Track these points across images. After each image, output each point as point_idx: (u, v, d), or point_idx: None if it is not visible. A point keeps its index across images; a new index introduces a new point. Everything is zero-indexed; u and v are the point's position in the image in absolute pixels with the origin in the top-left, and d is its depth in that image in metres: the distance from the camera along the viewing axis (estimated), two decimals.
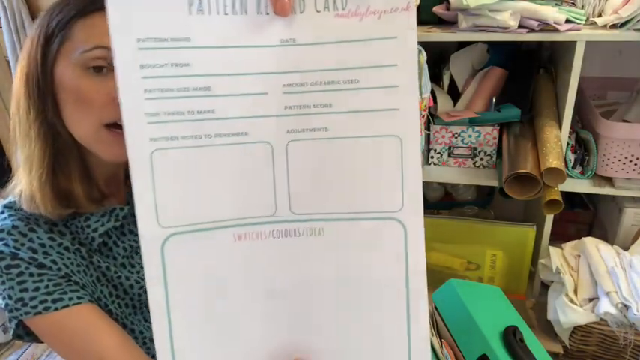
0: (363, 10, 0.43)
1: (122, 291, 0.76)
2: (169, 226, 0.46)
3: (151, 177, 0.45)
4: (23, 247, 0.66)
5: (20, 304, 0.65)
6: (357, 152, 0.46)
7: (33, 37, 0.65)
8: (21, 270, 0.65)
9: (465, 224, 1.42)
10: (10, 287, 0.65)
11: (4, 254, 0.65)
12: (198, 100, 0.44)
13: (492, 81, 1.34)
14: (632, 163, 1.18)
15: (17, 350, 1.50)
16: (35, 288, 0.66)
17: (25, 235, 0.66)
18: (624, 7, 1.07)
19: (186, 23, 0.43)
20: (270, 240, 0.48)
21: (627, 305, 1.09)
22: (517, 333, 0.90)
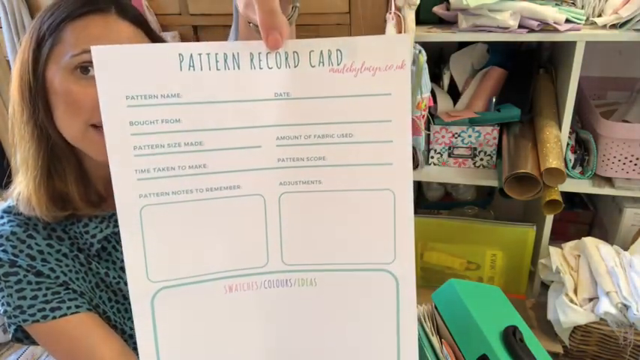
0: (357, 66, 0.43)
1: (122, 296, 0.75)
2: (159, 280, 0.45)
3: (140, 233, 0.44)
4: (22, 254, 0.66)
5: (18, 312, 0.65)
6: (350, 205, 0.46)
7: (26, 39, 0.66)
8: (19, 278, 0.65)
9: (465, 224, 1.42)
10: (9, 295, 0.65)
11: (3, 262, 0.65)
12: (190, 155, 0.44)
13: (492, 81, 1.34)
14: (632, 163, 1.18)
15: (17, 350, 1.50)
16: (33, 296, 0.66)
17: (23, 242, 0.66)
18: (624, 7, 1.07)
19: (177, 80, 0.42)
20: (262, 290, 0.47)
21: (627, 305, 1.09)
22: (517, 333, 0.90)
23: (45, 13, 0.66)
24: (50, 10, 0.65)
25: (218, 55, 0.43)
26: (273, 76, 0.43)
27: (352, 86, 0.44)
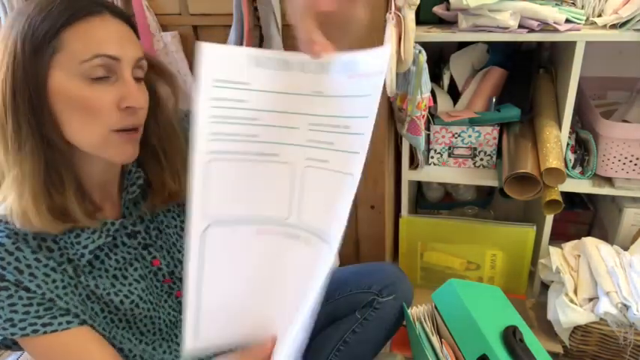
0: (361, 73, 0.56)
1: (114, 307, 0.75)
2: (211, 217, 0.61)
3: (206, 180, 0.60)
4: (9, 267, 0.65)
5: (9, 325, 0.65)
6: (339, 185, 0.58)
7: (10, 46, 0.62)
8: (10, 293, 0.65)
9: (465, 224, 1.42)
10: (0, 308, 0.65)
11: None
12: (248, 127, 0.60)
13: (492, 81, 1.34)
14: (632, 163, 1.18)
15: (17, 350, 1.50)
16: (25, 311, 0.66)
17: (11, 254, 0.65)
18: (624, 7, 1.07)
19: (249, 72, 0.59)
20: (279, 238, 0.63)
21: (627, 305, 1.09)
22: (517, 333, 0.90)
23: (31, 19, 0.62)
24: (39, 14, 0.62)
25: (279, 59, 0.58)
26: (313, 79, 0.58)
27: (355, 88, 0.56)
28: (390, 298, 1.01)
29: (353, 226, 1.41)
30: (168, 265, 0.81)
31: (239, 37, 1.17)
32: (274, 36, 1.13)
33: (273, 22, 1.12)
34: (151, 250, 0.79)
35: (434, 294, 1.07)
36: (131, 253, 0.77)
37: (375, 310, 1.00)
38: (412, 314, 1.05)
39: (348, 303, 1.02)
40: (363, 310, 1.01)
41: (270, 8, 1.11)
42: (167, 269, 0.81)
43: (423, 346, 0.98)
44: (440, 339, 1.00)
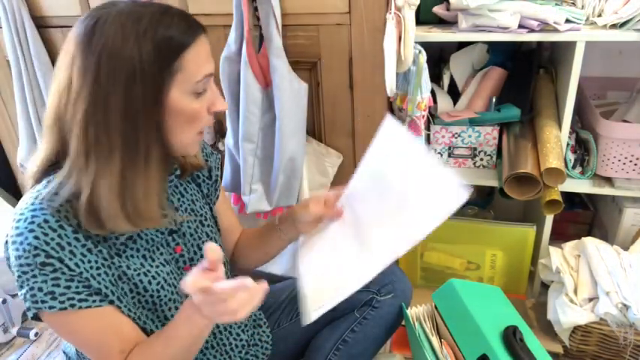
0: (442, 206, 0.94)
1: (142, 288, 0.79)
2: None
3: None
4: (52, 242, 0.69)
5: (49, 298, 0.69)
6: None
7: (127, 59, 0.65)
8: (55, 268, 0.69)
9: (465, 224, 1.42)
10: (43, 281, 0.69)
11: (39, 250, 0.68)
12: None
13: (492, 81, 1.34)
14: (632, 163, 1.18)
15: (17, 350, 1.50)
16: (66, 286, 0.70)
17: (54, 231, 0.69)
18: (624, 7, 1.07)
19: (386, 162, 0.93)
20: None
21: (627, 305, 1.09)
22: (517, 333, 0.90)
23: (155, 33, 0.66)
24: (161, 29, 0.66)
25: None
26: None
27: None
28: (389, 297, 1.01)
29: None
30: (189, 252, 0.87)
31: (239, 36, 1.17)
32: (274, 36, 1.13)
33: (272, 21, 1.12)
34: (175, 237, 0.85)
35: (434, 294, 1.07)
36: (158, 237, 0.82)
37: (373, 309, 1.00)
38: (412, 314, 1.05)
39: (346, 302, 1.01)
40: (362, 309, 1.01)
41: (270, 8, 1.11)
42: (188, 256, 0.87)
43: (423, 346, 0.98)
44: (440, 339, 1.00)
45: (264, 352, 1.02)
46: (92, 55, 0.65)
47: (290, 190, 1.26)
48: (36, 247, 0.68)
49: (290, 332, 1.05)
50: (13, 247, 0.69)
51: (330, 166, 1.30)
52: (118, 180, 0.68)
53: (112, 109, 0.66)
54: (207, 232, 0.91)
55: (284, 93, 1.15)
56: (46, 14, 1.39)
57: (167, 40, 0.66)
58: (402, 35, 1.07)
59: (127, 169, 0.68)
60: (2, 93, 1.60)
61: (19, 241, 0.68)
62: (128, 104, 0.66)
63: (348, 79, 1.20)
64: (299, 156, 1.22)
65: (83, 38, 0.66)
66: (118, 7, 0.68)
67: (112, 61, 0.65)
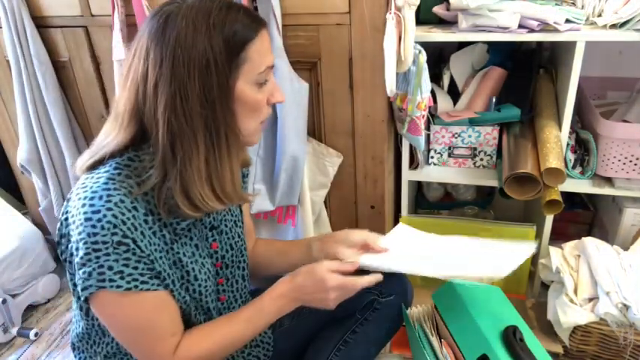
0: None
1: (193, 277, 0.83)
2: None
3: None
4: (128, 222, 0.71)
5: (118, 277, 0.71)
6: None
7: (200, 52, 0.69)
8: (128, 248, 0.71)
9: (465, 224, 1.42)
10: (115, 260, 0.71)
11: (117, 229, 0.70)
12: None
13: (492, 81, 1.34)
14: (632, 163, 1.18)
15: (17, 350, 1.50)
16: (135, 267, 0.73)
17: (129, 211, 0.72)
18: (624, 7, 1.07)
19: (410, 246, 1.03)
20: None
21: (627, 305, 1.09)
22: (517, 333, 0.90)
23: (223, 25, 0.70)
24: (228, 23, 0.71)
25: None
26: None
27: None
28: (390, 298, 1.01)
29: (353, 226, 1.41)
30: (222, 249, 0.90)
31: None
32: (274, 36, 1.13)
33: (273, 21, 1.12)
34: (213, 233, 0.88)
35: (434, 294, 1.07)
36: (203, 232, 0.86)
37: (375, 310, 1.00)
38: (411, 315, 1.05)
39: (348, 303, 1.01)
40: (364, 310, 1.01)
41: (270, 8, 1.11)
42: (220, 253, 0.90)
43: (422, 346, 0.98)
44: (440, 339, 1.00)
45: (266, 352, 1.02)
46: (166, 47, 0.69)
47: (292, 189, 1.26)
48: (115, 226, 0.70)
49: (291, 333, 1.05)
50: (87, 224, 0.70)
51: (331, 166, 1.30)
52: (204, 165, 0.73)
53: (191, 98, 0.70)
54: (238, 233, 0.95)
55: (285, 93, 1.15)
56: (46, 14, 1.39)
57: (234, 33, 0.71)
58: (402, 35, 1.07)
59: (210, 153, 0.73)
60: (2, 93, 1.60)
61: (97, 218, 0.70)
62: (205, 93, 0.70)
63: (348, 79, 1.20)
64: (301, 155, 1.22)
65: (157, 32, 0.70)
66: (188, 3, 0.72)
67: (186, 52, 0.69)
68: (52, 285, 1.70)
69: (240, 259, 0.96)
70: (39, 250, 1.66)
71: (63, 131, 1.50)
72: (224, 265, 0.91)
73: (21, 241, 1.61)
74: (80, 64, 1.43)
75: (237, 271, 0.95)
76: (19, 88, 1.47)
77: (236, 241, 0.93)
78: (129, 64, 0.74)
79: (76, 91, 1.49)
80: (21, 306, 1.59)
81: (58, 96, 1.47)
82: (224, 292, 0.93)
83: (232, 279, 0.94)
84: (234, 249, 0.93)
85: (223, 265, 0.91)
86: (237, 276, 0.96)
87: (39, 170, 1.60)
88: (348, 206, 1.38)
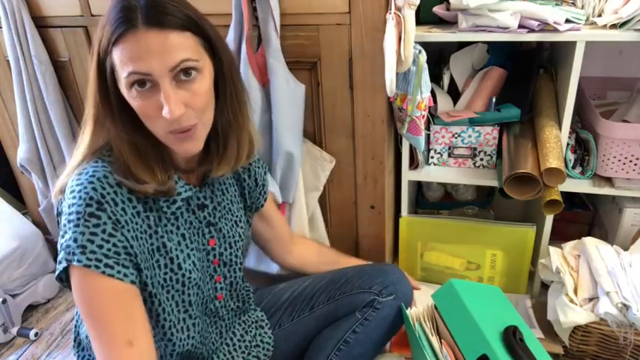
0: None
1: (177, 265, 0.81)
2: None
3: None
4: (108, 197, 0.71)
5: (79, 251, 0.70)
6: None
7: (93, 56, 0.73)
8: (99, 223, 0.70)
9: (465, 224, 1.42)
10: (82, 232, 0.70)
11: (93, 201, 0.70)
12: None
13: (492, 81, 1.34)
14: (632, 163, 1.18)
15: (17, 350, 1.50)
16: (99, 245, 0.71)
17: (112, 187, 0.72)
18: (624, 7, 1.07)
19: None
20: None
21: (627, 305, 1.09)
22: (517, 333, 0.90)
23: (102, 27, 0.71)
24: (105, 23, 0.71)
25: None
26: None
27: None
28: (391, 298, 1.01)
29: (353, 226, 1.41)
30: (220, 247, 0.90)
31: (238, 36, 1.17)
32: (272, 37, 1.13)
33: (271, 22, 1.12)
34: (211, 230, 0.88)
35: (434, 294, 1.07)
36: (195, 225, 0.86)
37: (375, 310, 1.01)
38: (411, 315, 1.05)
39: (348, 303, 1.02)
40: (364, 310, 1.01)
41: (269, 9, 1.11)
42: (218, 250, 0.91)
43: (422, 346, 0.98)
44: (440, 339, 1.00)
45: (266, 353, 1.02)
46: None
47: (287, 186, 1.26)
48: (91, 198, 0.71)
49: (291, 333, 1.05)
50: (70, 196, 0.72)
51: (322, 171, 1.30)
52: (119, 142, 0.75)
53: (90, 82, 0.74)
54: (239, 233, 0.95)
55: (280, 92, 1.16)
56: (46, 14, 1.39)
57: (104, 31, 0.70)
58: (402, 35, 1.06)
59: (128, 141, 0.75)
60: (2, 93, 1.60)
61: (77, 189, 0.72)
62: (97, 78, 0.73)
63: (348, 79, 1.20)
64: (296, 151, 1.22)
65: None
66: None
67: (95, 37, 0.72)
68: (52, 285, 1.70)
69: (240, 258, 0.96)
70: (39, 250, 1.66)
71: (63, 131, 1.50)
72: (222, 262, 0.91)
73: (21, 241, 1.61)
74: (80, 64, 1.43)
75: (236, 272, 0.95)
76: (19, 88, 1.47)
77: (235, 240, 0.93)
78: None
79: (76, 91, 1.49)
80: (21, 306, 1.59)
81: (58, 96, 1.47)
82: (222, 289, 0.93)
83: (230, 278, 0.95)
84: (232, 247, 0.93)
85: (221, 262, 0.91)
86: (236, 277, 0.96)
87: (39, 170, 1.60)
88: (348, 206, 1.38)
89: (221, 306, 0.94)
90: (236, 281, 0.96)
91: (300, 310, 1.06)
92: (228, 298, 0.95)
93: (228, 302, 0.96)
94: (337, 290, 1.04)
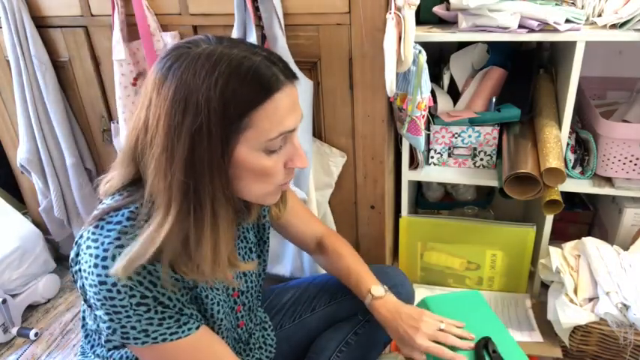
0: None
1: (210, 315, 0.79)
2: None
3: None
4: (145, 281, 0.67)
5: (143, 335, 0.68)
6: None
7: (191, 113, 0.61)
8: (149, 308, 0.68)
9: (465, 224, 1.42)
10: (137, 321, 0.68)
11: (134, 291, 0.66)
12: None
13: (492, 81, 1.34)
14: (632, 163, 1.18)
15: (17, 350, 1.50)
16: (159, 324, 0.69)
17: (144, 268, 0.67)
18: (624, 7, 1.07)
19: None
20: None
21: (627, 305, 1.09)
22: (489, 345, 0.86)
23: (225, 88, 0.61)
24: (231, 85, 0.61)
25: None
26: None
27: None
28: None
29: (353, 226, 1.41)
30: (239, 278, 0.87)
31: (242, 36, 1.17)
32: (278, 36, 1.13)
33: (276, 22, 1.12)
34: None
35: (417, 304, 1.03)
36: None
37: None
38: None
39: (350, 305, 1.02)
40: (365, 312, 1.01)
41: (273, 8, 1.10)
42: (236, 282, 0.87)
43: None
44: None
45: (268, 355, 1.02)
46: (164, 100, 0.62)
47: (298, 185, 1.26)
48: (131, 288, 0.66)
49: (293, 334, 1.05)
50: (103, 288, 0.66)
51: (334, 166, 1.30)
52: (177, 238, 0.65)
53: (177, 162, 0.62)
54: (252, 258, 0.91)
55: None
56: (46, 14, 1.39)
57: (234, 94, 0.61)
58: (402, 35, 1.06)
59: (188, 228, 0.65)
60: (2, 93, 1.60)
61: (111, 282, 0.65)
62: (192, 159, 0.62)
63: (348, 79, 1.20)
64: (307, 149, 1.22)
65: (158, 81, 0.64)
66: (199, 48, 0.63)
67: (180, 110, 0.61)
68: (52, 285, 1.70)
69: (255, 283, 0.94)
70: (39, 250, 1.66)
71: (63, 131, 1.50)
72: (240, 292, 0.89)
73: (21, 241, 1.61)
74: (80, 64, 1.43)
75: (253, 294, 0.94)
76: (19, 88, 1.47)
77: (251, 279, 0.91)
78: (140, 100, 0.68)
79: (76, 91, 1.49)
80: (21, 306, 1.59)
81: (58, 96, 1.47)
82: (242, 317, 0.91)
83: (249, 303, 0.93)
84: (247, 275, 0.90)
85: (240, 292, 0.89)
86: (253, 299, 0.94)
87: (39, 170, 1.60)
88: (348, 206, 1.38)
89: (243, 332, 0.93)
90: (253, 304, 0.95)
91: (301, 311, 1.06)
92: (248, 321, 0.94)
93: (248, 324, 0.95)
94: (339, 292, 1.04)
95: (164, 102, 0.62)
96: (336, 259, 1.00)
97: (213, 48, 0.63)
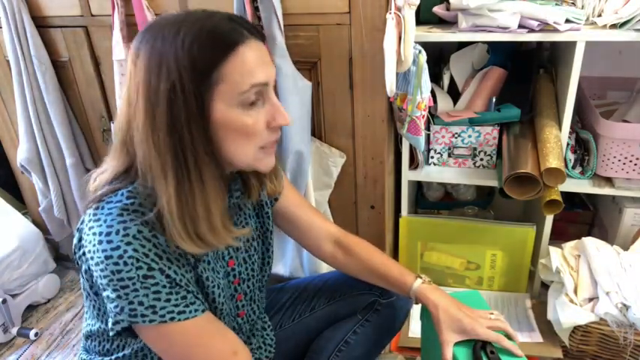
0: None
1: (212, 300, 0.79)
2: None
3: None
4: (151, 253, 0.67)
5: (150, 312, 0.68)
6: None
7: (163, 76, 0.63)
8: (156, 281, 0.68)
9: (465, 224, 1.42)
10: (145, 295, 0.67)
11: (140, 262, 0.66)
12: None
13: (492, 81, 1.34)
14: (632, 163, 1.18)
15: (17, 350, 1.50)
16: (167, 299, 0.69)
17: (149, 241, 0.68)
18: (624, 7, 1.07)
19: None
20: None
21: (627, 305, 1.09)
22: (487, 347, 0.85)
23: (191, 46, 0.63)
24: (196, 42, 0.63)
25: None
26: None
27: None
28: (392, 299, 1.01)
29: (353, 226, 1.41)
30: (240, 265, 0.87)
31: None
32: (277, 35, 1.13)
33: (275, 21, 1.12)
34: (230, 251, 0.84)
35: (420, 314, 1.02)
36: (218, 251, 0.82)
37: (376, 311, 1.00)
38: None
39: (349, 304, 1.02)
40: (365, 311, 1.01)
41: (272, 7, 1.10)
42: (238, 269, 0.87)
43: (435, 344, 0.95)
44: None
45: (268, 355, 1.02)
46: (140, 71, 0.65)
47: (296, 185, 1.26)
48: (138, 259, 0.66)
49: (292, 333, 1.05)
50: (109, 262, 0.66)
51: (334, 166, 1.30)
52: (175, 201, 0.66)
53: (159, 126, 0.65)
54: (254, 246, 0.91)
55: (289, 92, 1.15)
56: (46, 14, 1.39)
57: (202, 50, 0.64)
58: (402, 35, 1.06)
59: (181, 188, 0.66)
60: (2, 93, 1.60)
61: (118, 254, 0.66)
62: (172, 119, 0.64)
63: (348, 79, 1.20)
64: (305, 150, 1.22)
65: (134, 55, 0.66)
66: (166, 18, 0.67)
67: (154, 75, 0.64)
68: (52, 285, 1.70)
69: (257, 271, 0.93)
70: (39, 250, 1.66)
71: (63, 131, 1.50)
72: (241, 280, 0.88)
73: (21, 241, 1.61)
74: (80, 64, 1.43)
75: (255, 284, 0.93)
76: (19, 88, 1.47)
77: (250, 255, 0.90)
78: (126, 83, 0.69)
79: (76, 91, 1.49)
80: (21, 306, 1.59)
81: (58, 96, 1.47)
82: (243, 307, 0.91)
83: (250, 293, 0.92)
84: (247, 262, 0.90)
85: (241, 280, 0.88)
86: (255, 289, 0.93)
87: (39, 170, 1.60)
88: (348, 206, 1.38)
89: (244, 322, 0.92)
90: (255, 294, 0.94)
91: (301, 311, 1.06)
92: (251, 312, 0.94)
93: (251, 316, 0.94)
94: (338, 291, 1.04)
95: (140, 72, 0.65)
96: (368, 256, 0.99)
97: (177, 15, 0.67)
